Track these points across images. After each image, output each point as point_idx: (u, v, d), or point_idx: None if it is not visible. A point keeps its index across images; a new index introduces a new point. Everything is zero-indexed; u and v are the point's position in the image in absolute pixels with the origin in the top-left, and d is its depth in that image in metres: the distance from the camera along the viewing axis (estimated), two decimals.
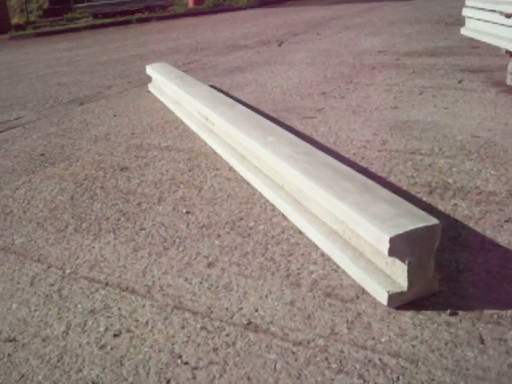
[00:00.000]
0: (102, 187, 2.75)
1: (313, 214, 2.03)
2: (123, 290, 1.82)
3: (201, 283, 1.81)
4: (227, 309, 1.65)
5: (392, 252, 1.47)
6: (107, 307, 1.73)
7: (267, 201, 2.36)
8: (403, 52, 5.37)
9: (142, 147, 3.33)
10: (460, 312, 1.53)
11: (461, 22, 4.40)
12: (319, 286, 1.71)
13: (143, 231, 2.23)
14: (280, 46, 6.79)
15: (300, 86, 4.48)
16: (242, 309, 1.64)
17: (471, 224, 1.98)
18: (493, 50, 4.94)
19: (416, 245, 1.48)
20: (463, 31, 4.26)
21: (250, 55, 6.34)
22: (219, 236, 2.11)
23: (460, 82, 3.96)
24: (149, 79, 5.22)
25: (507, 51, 3.61)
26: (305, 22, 8.99)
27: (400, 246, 1.46)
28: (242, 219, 2.23)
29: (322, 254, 1.89)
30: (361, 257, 1.72)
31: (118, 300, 1.77)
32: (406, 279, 1.51)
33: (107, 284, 1.87)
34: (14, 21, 15.98)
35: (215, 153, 3.05)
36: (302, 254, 1.91)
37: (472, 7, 4.16)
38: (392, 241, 1.45)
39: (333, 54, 5.72)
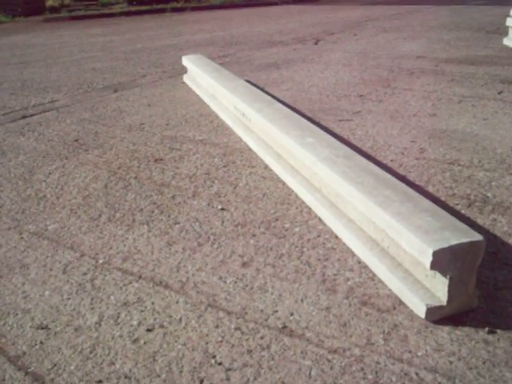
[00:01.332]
0: (135, 177, 2.76)
1: (350, 219, 2.01)
2: (157, 285, 1.82)
3: (235, 283, 1.81)
4: (262, 311, 1.65)
5: (434, 265, 1.45)
6: (140, 301, 1.74)
7: (303, 202, 2.35)
8: (442, 58, 5.29)
9: (177, 139, 3.34)
10: (498, 330, 1.50)
11: (501, 30, 4.31)
12: (355, 294, 1.70)
13: (177, 225, 2.23)
14: (316, 44, 6.75)
15: (336, 86, 4.44)
16: (276, 312, 1.64)
17: (511, 241, 1.94)
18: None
19: (459, 260, 1.46)
20: (506, 41, 4.17)
21: (285, 52, 6.31)
22: (254, 235, 2.11)
23: (500, 93, 3.88)
24: (183, 70, 5.24)
25: None
26: (341, 22, 8.91)
27: (442, 260, 1.44)
28: (277, 219, 2.22)
29: (359, 261, 1.88)
30: (399, 267, 1.70)
31: (152, 294, 1.77)
32: (446, 294, 1.49)
33: (140, 277, 1.87)
34: (49, 3, 16.17)
35: (250, 149, 3.05)
36: (338, 260, 1.90)
37: None
38: (435, 254, 1.43)
39: (370, 56, 5.66)
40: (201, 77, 4.40)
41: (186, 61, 4.97)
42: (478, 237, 1.50)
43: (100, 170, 2.90)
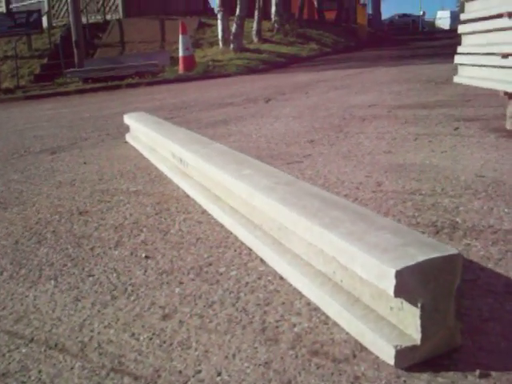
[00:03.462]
0: (53, 231, 2.36)
1: (295, 254, 1.65)
2: (50, 348, 1.40)
3: (150, 339, 1.40)
4: (180, 372, 1.24)
5: (399, 291, 1.08)
6: (25, 369, 1.31)
7: (243, 244, 1.98)
8: (394, 105, 5.16)
9: (108, 192, 2.97)
10: (492, 372, 1.13)
11: (451, 81, 4.19)
12: (304, 343, 1.31)
13: (91, 278, 1.83)
14: (267, 102, 6.61)
15: (286, 135, 4.19)
16: (199, 372, 1.23)
17: (490, 265, 1.61)
18: (487, 101, 4.74)
19: (430, 281, 1.10)
20: (456, 79, 4.04)
21: (235, 111, 6.12)
22: (181, 283, 1.72)
23: (456, 129, 3.69)
24: (127, 130, 4.94)
25: (506, 93, 3.36)
26: (293, 84, 8.91)
27: (409, 283, 1.08)
28: (210, 264, 1.84)
29: (308, 303, 1.50)
30: (357, 303, 1.33)
31: (42, 360, 1.34)
32: (418, 329, 1.12)
33: (32, 340, 1.45)
34: (5, 85, 15.97)
35: (188, 196, 2.70)
36: (283, 304, 1.52)
37: (465, 53, 3.96)
38: (399, 275, 1.07)
39: (321, 108, 5.50)
40: (140, 131, 4.10)
41: (127, 118, 4.68)
42: (451, 251, 1.15)
43: (14, 226, 2.49)
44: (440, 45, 17.20)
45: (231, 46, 15.80)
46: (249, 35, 17.36)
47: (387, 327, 1.21)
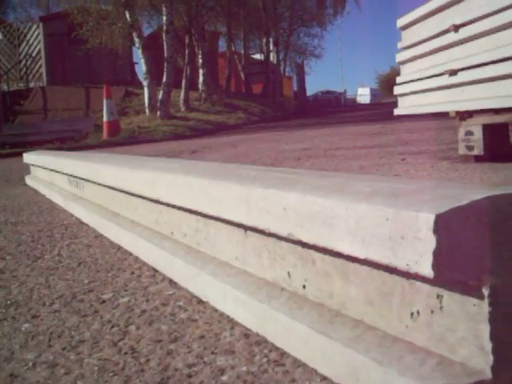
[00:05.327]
0: None
1: (223, 262, 1.04)
2: None
3: None
4: None
5: (445, 266, 0.50)
6: None
7: (145, 264, 1.34)
8: (330, 148, 4.77)
9: None
10: None
11: (384, 132, 3.85)
12: None
13: None
14: (193, 153, 6.09)
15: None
16: None
17: None
18: (425, 142, 4.42)
19: (505, 241, 0.53)
20: (397, 111, 3.69)
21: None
22: (35, 317, 1.05)
23: (403, 159, 3.28)
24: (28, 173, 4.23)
25: (457, 113, 3.00)
26: (221, 143, 8.48)
27: (467, 246, 0.50)
28: (91, 291, 1.18)
29: (245, 334, 0.87)
30: (329, 324, 0.72)
31: None
32: (487, 346, 0.52)
33: None
34: None
35: (82, 223, 2.04)
36: (200, 338, 0.88)
37: (406, 82, 3.64)
38: (444, 223, 0.49)
39: (251, 154, 5.02)
40: (39, 164, 3.42)
41: (26, 157, 3.99)
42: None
43: None
44: (363, 114, 17.63)
45: (158, 113, 15.41)
46: (176, 104, 17.10)
47: (410, 355, 0.61)
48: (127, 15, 14.06)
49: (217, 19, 19.77)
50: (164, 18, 14.03)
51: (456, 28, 2.99)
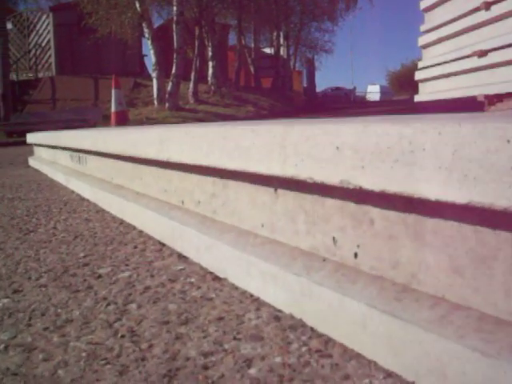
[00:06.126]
0: None
1: (245, 231, 0.85)
2: None
3: None
4: None
5: None
6: None
7: (151, 238, 1.15)
8: None
9: None
10: None
11: None
12: None
13: None
14: None
15: None
16: None
17: None
18: None
19: None
20: (417, 98, 3.49)
21: None
22: (17, 292, 0.86)
23: None
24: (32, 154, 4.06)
25: (486, 97, 2.79)
26: None
27: None
28: (86, 265, 1.00)
29: (268, 320, 0.68)
30: (395, 302, 0.53)
31: None
32: None
33: None
34: None
35: (83, 199, 1.85)
36: (229, 321, 0.69)
37: (427, 67, 3.44)
38: None
39: None
40: (41, 146, 3.24)
41: (30, 137, 3.82)
42: None
43: None
44: (374, 111, 17.40)
45: (166, 104, 15.28)
46: (185, 96, 16.94)
47: None
48: (137, 5, 13.90)
49: (227, 11, 19.57)
50: (174, 8, 13.85)
51: (487, 6, 2.78)
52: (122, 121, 14.57)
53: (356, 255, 0.64)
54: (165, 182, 1.19)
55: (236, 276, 0.83)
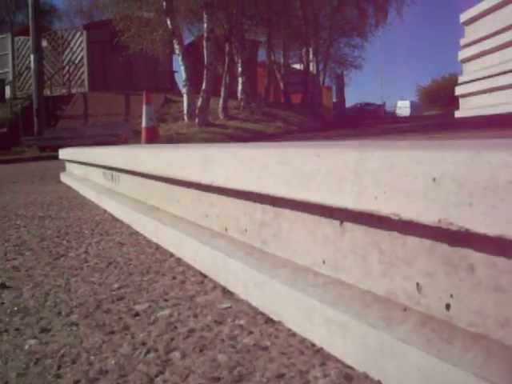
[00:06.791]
0: None
1: (301, 267, 0.75)
2: None
3: None
4: None
5: None
6: None
7: (191, 268, 1.06)
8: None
9: (6, 218, 2.04)
10: None
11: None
12: None
13: None
14: None
15: None
16: None
17: None
18: None
19: None
20: (458, 113, 3.35)
21: None
22: (46, 330, 0.78)
23: None
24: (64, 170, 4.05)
25: None
26: None
27: None
28: (121, 299, 0.91)
29: (337, 379, 0.57)
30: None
31: None
32: None
33: None
34: None
35: (116, 220, 1.78)
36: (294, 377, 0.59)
37: (469, 81, 3.30)
38: None
39: None
40: (73, 161, 3.21)
41: (62, 153, 3.80)
42: None
43: None
44: (406, 126, 17.14)
45: (196, 120, 15.34)
46: (215, 112, 17.00)
47: None
48: (168, 22, 14.04)
49: (257, 28, 19.65)
50: (205, 25, 13.95)
51: None
52: (153, 136, 14.68)
53: (448, 307, 0.53)
54: (206, 206, 1.09)
55: (293, 320, 0.72)
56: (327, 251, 0.71)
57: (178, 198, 1.27)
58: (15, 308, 0.90)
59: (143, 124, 14.58)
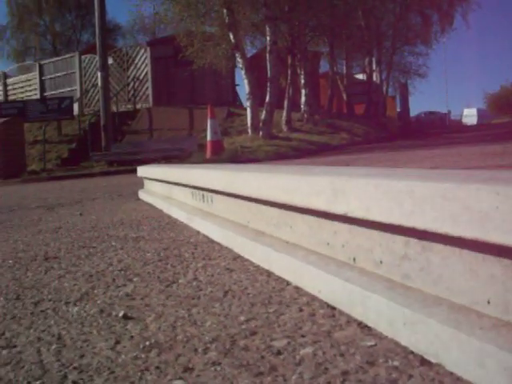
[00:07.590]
0: None
1: (459, 306, 0.69)
2: None
3: None
4: None
5: None
6: None
7: (315, 298, 1.02)
8: (463, 167, 4.25)
9: (98, 239, 2.08)
10: None
11: None
12: None
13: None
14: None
15: None
16: None
17: None
18: None
19: None
20: None
21: None
22: (188, 370, 0.75)
23: None
24: (142, 187, 4.13)
25: None
26: (329, 161, 8.14)
27: None
28: (253, 334, 0.88)
29: None
30: None
31: None
32: None
33: None
34: (31, 168, 15.58)
35: (212, 241, 1.77)
36: None
37: None
38: None
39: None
40: (154, 179, 3.26)
41: (141, 171, 3.88)
42: None
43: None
44: (473, 135, 16.51)
45: (260, 133, 15.41)
46: (278, 124, 17.04)
47: None
48: (231, 36, 14.23)
49: (319, 39, 19.60)
50: (267, 38, 14.05)
51: None
52: (218, 150, 14.89)
53: None
54: (328, 234, 1.06)
55: (457, 364, 0.67)
56: (493, 290, 0.66)
57: (291, 224, 1.24)
58: (147, 343, 0.90)
59: (208, 138, 14.79)
